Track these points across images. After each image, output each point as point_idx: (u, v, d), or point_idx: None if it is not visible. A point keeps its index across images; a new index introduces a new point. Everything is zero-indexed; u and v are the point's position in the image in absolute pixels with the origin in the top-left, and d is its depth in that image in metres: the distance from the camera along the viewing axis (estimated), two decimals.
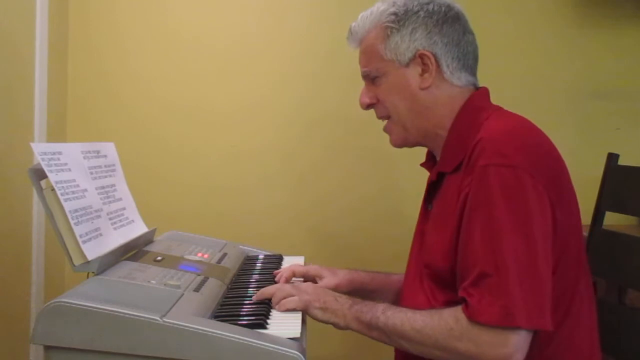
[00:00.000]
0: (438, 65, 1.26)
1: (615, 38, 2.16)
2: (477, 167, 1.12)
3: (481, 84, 1.33)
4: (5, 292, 1.73)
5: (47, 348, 1.02)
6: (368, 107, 1.35)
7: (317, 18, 2.16)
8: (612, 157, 1.58)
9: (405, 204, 2.10)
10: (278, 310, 1.21)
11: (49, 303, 1.02)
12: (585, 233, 1.55)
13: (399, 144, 1.35)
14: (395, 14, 1.27)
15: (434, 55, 1.25)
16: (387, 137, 1.37)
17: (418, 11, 1.27)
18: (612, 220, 1.61)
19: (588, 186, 1.62)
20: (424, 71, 1.26)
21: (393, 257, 1.59)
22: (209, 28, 2.15)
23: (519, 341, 1.05)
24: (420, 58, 1.26)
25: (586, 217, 1.53)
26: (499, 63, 2.15)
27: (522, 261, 1.06)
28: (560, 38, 2.16)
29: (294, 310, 1.21)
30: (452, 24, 1.27)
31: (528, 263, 1.06)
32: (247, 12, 2.16)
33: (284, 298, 1.22)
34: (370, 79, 1.33)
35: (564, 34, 2.16)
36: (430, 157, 1.39)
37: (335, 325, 1.21)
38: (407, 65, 1.27)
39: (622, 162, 1.57)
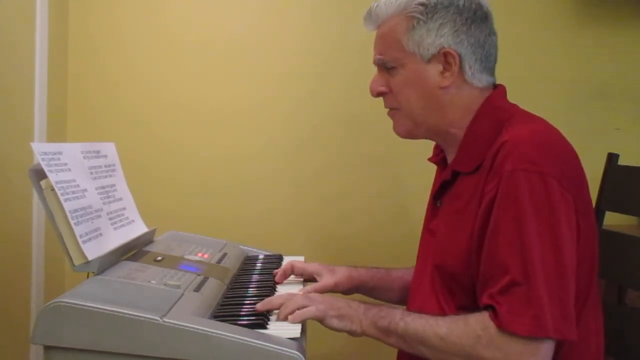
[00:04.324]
0: (460, 66, 1.22)
1: (615, 38, 2.16)
2: (504, 171, 1.09)
3: None
4: (5, 292, 1.72)
5: (47, 348, 1.02)
6: (378, 95, 1.30)
7: (318, 18, 2.16)
8: (612, 157, 1.58)
9: (409, 206, 2.10)
10: (291, 322, 1.14)
11: (49, 303, 1.02)
12: None
13: (404, 135, 1.31)
14: (424, 4, 1.21)
15: (459, 55, 1.21)
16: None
17: (448, 6, 1.21)
18: (612, 220, 1.61)
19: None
20: (445, 70, 1.22)
21: (395, 259, 1.59)
22: (210, 28, 2.15)
23: (547, 350, 1.05)
24: (443, 56, 1.21)
25: None
26: (499, 63, 2.14)
27: (550, 271, 1.04)
28: (560, 38, 2.16)
29: (310, 319, 1.17)
30: (480, 24, 1.23)
31: (556, 272, 1.05)
32: (248, 12, 2.16)
33: (298, 309, 1.16)
34: (385, 67, 1.27)
35: (564, 34, 2.16)
36: (439, 151, 1.36)
37: (352, 332, 1.17)
38: (429, 61, 1.22)
39: (622, 162, 1.57)
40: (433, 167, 1.42)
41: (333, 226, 2.17)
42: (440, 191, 1.30)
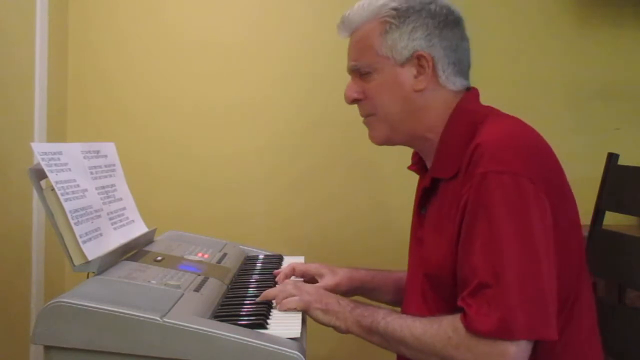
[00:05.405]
0: (434, 69, 1.23)
1: (615, 38, 2.16)
2: (476, 174, 1.10)
3: (481, 84, 1.31)
4: (5, 292, 1.73)
5: (47, 348, 1.02)
6: (353, 102, 1.30)
7: (318, 18, 2.16)
8: (612, 157, 1.58)
9: (410, 205, 2.10)
10: (279, 310, 1.20)
11: (49, 303, 1.02)
12: (585, 233, 1.55)
13: (381, 141, 1.31)
14: (396, 9, 1.22)
15: (432, 58, 1.22)
16: None
17: (420, 10, 1.22)
18: (612, 220, 1.61)
19: (588, 186, 1.62)
20: (419, 73, 1.23)
21: (395, 260, 1.58)
22: (209, 28, 2.15)
23: (517, 352, 1.04)
24: (417, 59, 1.22)
25: (586, 217, 1.53)
26: (499, 63, 2.15)
27: (524, 271, 1.04)
28: (560, 38, 2.17)
29: (294, 310, 1.20)
30: (452, 28, 1.25)
31: (531, 273, 1.05)
32: (248, 12, 2.16)
33: (285, 298, 1.22)
34: (360, 73, 1.27)
35: (564, 34, 2.17)
36: (418, 159, 1.36)
37: (337, 328, 1.20)
38: (403, 64, 1.23)
39: (622, 162, 1.57)
40: None
41: (334, 226, 2.17)
42: (423, 199, 1.31)
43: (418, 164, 1.36)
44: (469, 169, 1.13)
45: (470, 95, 1.27)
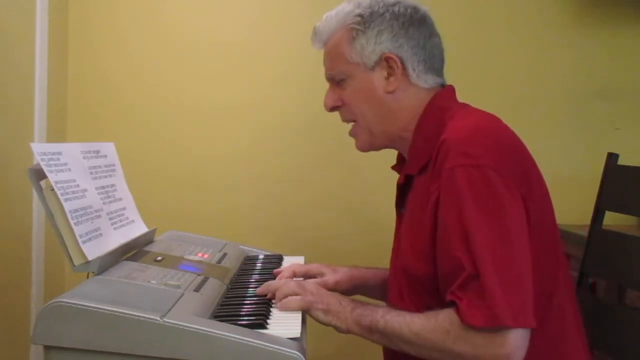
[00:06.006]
0: (404, 69, 1.25)
1: (615, 38, 2.16)
2: (444, 169, 1.11)
3: (481, 84, 1.32)
4: (5, 292, 1.73)
5: (47, 348, 1.02)
6: (332, 109, 1.34)
7: (318, 18, 2.15)
8: (612, 157, 1.58)
9: None
10: (280, 310, 1.20)
11: (49, 303, 1.02)
12: (585, 233, 1.55)
13: (365, 148, 1.34)
14: (360, 15, 1.26)
15: (400, 59, 1.24)
16: None
17: (383, 13, 1.25)
18: (612, 220, 1.61)
19: (588, 186, 1.62)
20: (389, 74, 1.25)
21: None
22: (209, 28, 2.15)
23: (516, 340, 1.04)
24: (386, 61, 1.25)
25: (586, 217, 1.53)
26: (499, 63, 2.15)
27: (500, 260, 1.06)
28: (560, 38, 2.17)
29: (296, 310, 1.20)
30: (419, 26, 1.26)
31: (506, 261, 1.06)
32: (247, 12, 2.16)
33: (288, 295, 1.21)
34: (335, 81, 1.31)
35: (564, 34, 2.17)
36: (401, 159, 1.38)
37: (337, 328, 1.20)
38: (373, 68, 1.26)
39: (622, 162, 1.57)
40: None
41: (334, 224, 2.17)
42: (400, 197, 1.32)
43: (400, 164, 1.38)
44: (436, 164, 1.14)
45: (444, 92, 1.28)
